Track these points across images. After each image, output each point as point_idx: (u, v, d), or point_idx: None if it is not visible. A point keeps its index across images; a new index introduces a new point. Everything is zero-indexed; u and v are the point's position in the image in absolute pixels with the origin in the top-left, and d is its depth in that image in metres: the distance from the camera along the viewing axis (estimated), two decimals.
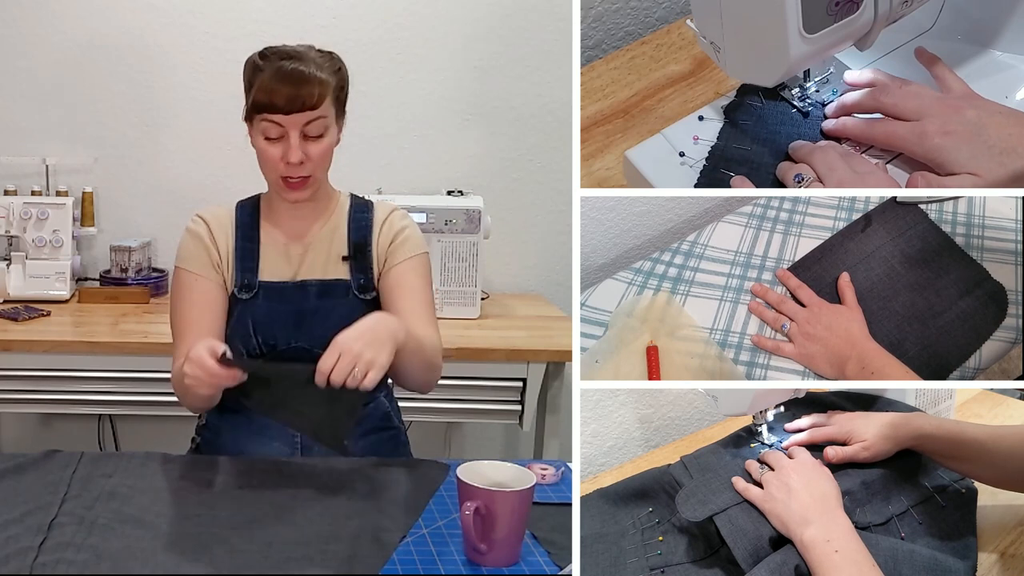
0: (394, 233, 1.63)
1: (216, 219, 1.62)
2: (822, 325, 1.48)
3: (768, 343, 1.50)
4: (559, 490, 1.46)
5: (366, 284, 1.61)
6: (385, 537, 1.28)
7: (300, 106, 1.48)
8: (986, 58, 1.50)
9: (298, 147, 1.50)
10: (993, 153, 1.21)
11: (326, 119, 1.52)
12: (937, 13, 1.52)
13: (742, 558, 1.19)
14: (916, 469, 1.38)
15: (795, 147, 1.38)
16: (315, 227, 1.62)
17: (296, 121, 1.49)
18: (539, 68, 2.77)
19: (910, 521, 1.29)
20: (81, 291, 2.55)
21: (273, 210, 1.63)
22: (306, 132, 1.51)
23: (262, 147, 1.53)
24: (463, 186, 2.62)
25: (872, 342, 1.45)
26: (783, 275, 1.61)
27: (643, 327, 1.54)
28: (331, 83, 1.52)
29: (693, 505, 1.29)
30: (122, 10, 2.65)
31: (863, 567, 1.09)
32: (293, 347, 1.57)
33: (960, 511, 1.32)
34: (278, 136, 1.51)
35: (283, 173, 1.53)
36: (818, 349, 1.46)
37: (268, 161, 1.53)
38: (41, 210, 2.49)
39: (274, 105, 1.48)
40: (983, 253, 1.64)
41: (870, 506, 1.30)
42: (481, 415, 2.39)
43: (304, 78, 1.48)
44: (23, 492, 1.36)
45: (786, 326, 1.51)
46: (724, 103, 1.49)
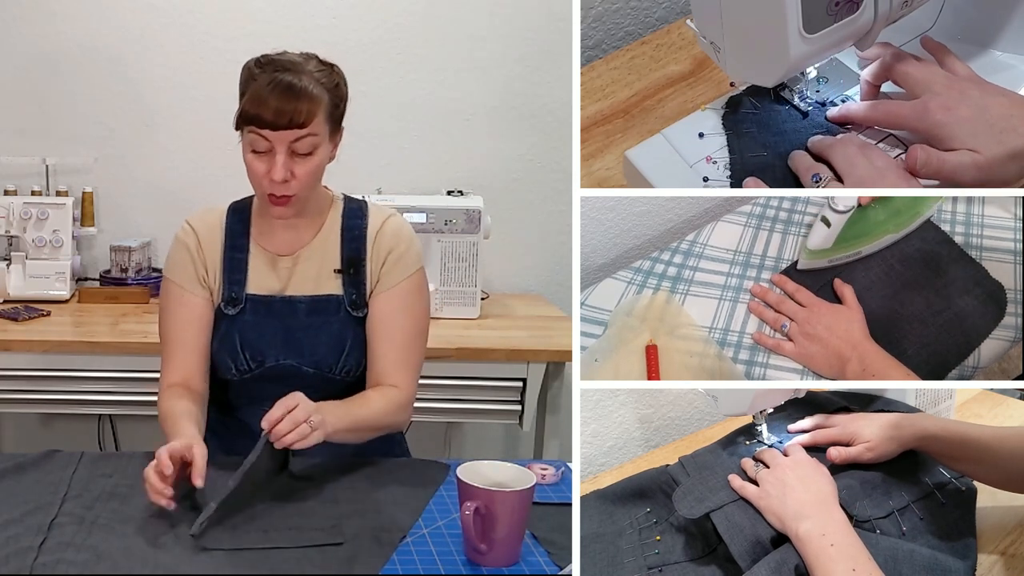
0: (388, 250, 1.57)
1: (206, 227, 1.58)
2: (822, 325, 1.48)
3: (769, 341, 1.50)
4: (559, 490, 1.46)
5: (358, 300, 1.57)
6: (385, 537, 1.28)
7: (288, 123, 1.42)
8: (986, 58, 1.50)
9: (283, 165, 1.44)
10: (993, 132, 1.21)
11: (316, 137, 1.46)
12: (937, 13, 1.52)
13: (739, 555, 1.19)
14: (916, 466, 1.38)
15: (814, 142, 1.37)
16: (306, 238, 1.58)
17: (284, 138, 1.43)
18: (539, 68, 2.77)
19: (911, 516, 1.29)
20: (81, 291, 2.55)
21: (264, 219, 1.59)
22: (294, 149, 1.45)
23: (248, 160, 1.48)
24: (463, 186, 2.62)
25: (872, 343, 1.45)
26: (779, 280, 1.60)
27: (643, 326, 1.54)
28: (324, 100, 1.46)
29: (690, 503, 1.29)
30: (122, 10, 2.65)
31: (858, 561, 1.09)
32: (281, 364, 1.55)
33: (960, 509, 1.32)
34: (265, 150, 1.45)
35: (267, 190, 1.48)
36: (818, 349, 1.46)
37: (254, 175, 1.48)
38: (41, 210, 2.49)
39: (262, 119, 1.42)
40: (982, 252, 1.64)
41: (870, 500, 1.30)
42: (481, 415, 2.38)
43: (296, 94, 1.42)
44: (23, 492, 1.36)
45: (786, 326, 1.51)
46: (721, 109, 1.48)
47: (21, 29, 2.64)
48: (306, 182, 1.48)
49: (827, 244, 1.56)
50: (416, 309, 1.59)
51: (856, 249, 1.60)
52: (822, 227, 1.54)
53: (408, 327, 1.58)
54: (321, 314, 1.56)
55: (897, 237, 1.64)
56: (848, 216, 1.51)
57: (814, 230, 1.57)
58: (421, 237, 1.74)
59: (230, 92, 1.54)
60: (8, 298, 2.47)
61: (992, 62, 1.50)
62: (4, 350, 2.21)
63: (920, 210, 1.64)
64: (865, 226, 1.57)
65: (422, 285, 1.61)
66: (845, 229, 1.53)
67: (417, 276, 1.60)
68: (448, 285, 2.49)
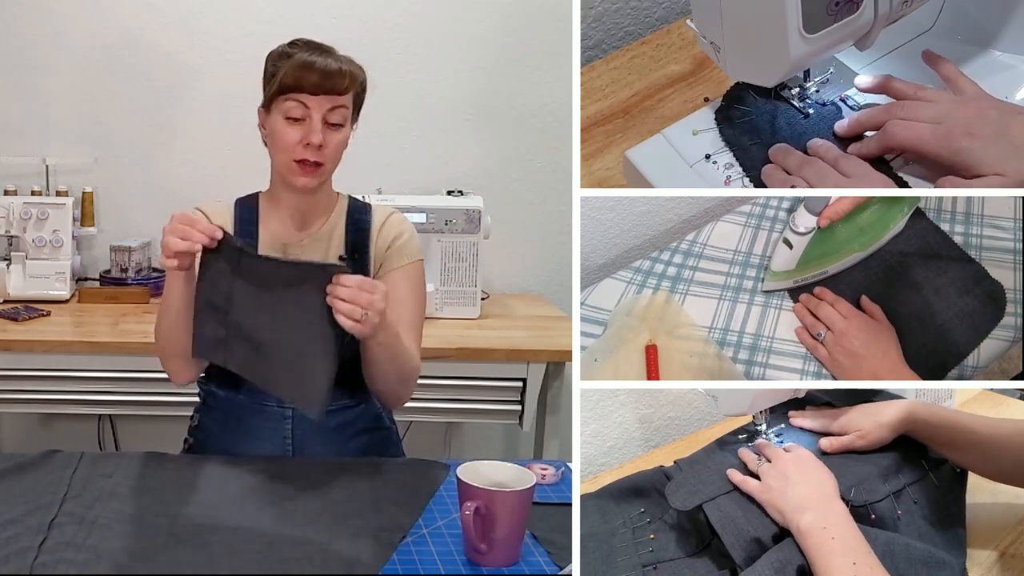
0: (392, 237, 1.62)
1: (216, 214, 1.62)
2: (859, 342, 1.48)
3: (808, 340, 1.52)
4: (559, 490, 1.47)
5: None
6: (385, 537, 1.28)
7: (329, 88, 1.50)
8: (986, 58, 1.50)
9: (320, 130, 1.51)
10: (1019, 153, 1.21)
11: (347, 110, 1.54)
12: (937, 13, 1.52)
13: (730, 544, 1.20)
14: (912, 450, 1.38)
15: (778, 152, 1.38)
16: (314, 226, 1.62)
17: (321, 104, 1.50)
18: (539, 68, 2.77)
19: (906, 500, 1.30)
20: (81, 291, 2.55)
21: (273, 207, 1.62)
22: (328, 119, 1.51)
23: (280, 129, 1.52)
24: (463, 186, 2.62)
25: (907, 368, 1.45)
26: (820, 292, 1.58)
27: (642, 326, 1.54)
28: (359, 77, 1.55)
29: (683, 495, 1.30)
30: (122, 10, 2.65)
31: (859, 554, 1.09)
32: None
33: (953, 493, 1.33)
34: (301, 117, 1.51)
35: (299, 156, 1.52)
36: (851, 365, 1.46)
37: (285, 143, 1.52)
38: (41, 210, 2.49)
39: (302, 85, 1.49)
40: (981, 252, 1.64)
41: (864, 485, 1.30)
42: (481, 415, 2.38)
43: (335, 63, 1.51)
44: (23, 492, 1.36)
45: (821, 334, 1.51)
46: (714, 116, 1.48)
47: (21, 29, 2.64)
48: (333, 152, 1.55)
49: (790, 266, 1.56)
50: (419, 293, 1.64)
51: (822, 268, 1.60)
52: (784, 249, 1.53)
53: (413, 306, 1.62)
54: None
55: (865, 254, 1.63)
56: (809, 237, 1.50)
57: (777, 252, 1.56)
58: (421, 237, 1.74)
59: (230, 92, 1.54)
60: (8, 298, 2.47)
61: (992, 62, 1.50)
62: (4, 350, 2.21)
63: (888, 225, 1.63)
64: (831, 245, 1.56)
65: (422, 276, 1.65)
66: (809, 249, 1.52)
67: (419, 265, 1.65)
68: (448, 285, 2.49)
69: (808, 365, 1.51)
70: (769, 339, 1.55)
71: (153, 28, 2.66)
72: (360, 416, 1.64)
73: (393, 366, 1.52)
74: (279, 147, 1.54)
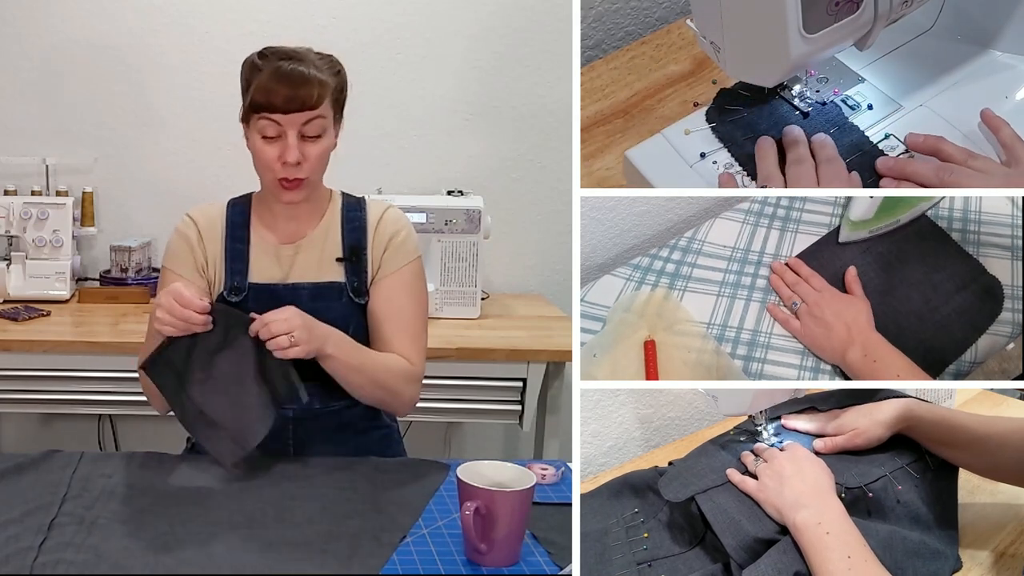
0: (389, 236, 1.61)
1: (207, 219, 1.61)
2: (831, 311, 1.51)
3: (780, 314, 1.55)
4: (559, 490, 1.47)
5: (359, 287, 1.59)
6: (385, 537, 1.28)
7: (299, 105, 1.47)
8: (986, 58, 1.50)
9: (296, 147, 1.49)
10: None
11: (324, 120, 1.51)
12: (937, 13, 1.52)
13: (722, 534, 1.21)
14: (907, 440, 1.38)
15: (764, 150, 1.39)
16: (308, 228, 1.61)
17: (294, 121, 1.48)
18: (539, 68, 2.77)
19: (904, 476, 1.30)
20: (81, 291, 2.55)
21: (265, 211, 1.62)
22: (304, 132, 1.49)
23: (259, 147, 1.51)
24: (463, 186, 2.62)
25: (877, 333, 1.48)
26: (795, 263, 1.64)
27: (641, 322, 1.54)
28: (330, 84, 1.51)
29: (676, 488, 1.31)
30: (122, 10, 2.65)
31: (854, 548, 1.10)
32: None
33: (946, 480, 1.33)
34: (276, 135, 1.50)
35: (279, 174, 1.51)
36: (822, 332, 1.50)
37: (264, 162, 1.52)
38: (41, 210, 2.49)
39: (272, 104, 1.47)
40: (979, 248, 1.65)
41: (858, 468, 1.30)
42: (481, 415, 2.38)
43: (303, 78, 1.47)
44: (23, 492, 1.36)
45: (796, 304, 1.55)
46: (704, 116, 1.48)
47: (21, 29, 2.64)
48: (316, 165, 1.53)
49: (869, 214, 1.59)
50: (419, 294, 1.63)
51: (895, 218, 1.63)
52: (864, 199, 1.56)
53: (413, 309, 1.62)
54: (324, 300, 1.58)
55: (929, 206, 1.67)
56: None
57: (855, 202, 1.59)
58: (421, 237, 1.75)
59: (229, 92, 1.54)
60: (8, 298, 2.47)
61: (992, 62, 1.50)
62: (4, 350, 2.21)
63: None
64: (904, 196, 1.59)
65: (422, 273, 1.65)
66: (885, 197, 1.54)
67: (417, 263, 1.64)
68: (448, 285, 2.49)
69: (806, 360, 1.51)
70: (767, 335, 1.55)
71: (153, 28, 2.66)
72: (360, 416, 1.64)
73: (362, 376, 1.52)
74: (259, 166, 1.54)
